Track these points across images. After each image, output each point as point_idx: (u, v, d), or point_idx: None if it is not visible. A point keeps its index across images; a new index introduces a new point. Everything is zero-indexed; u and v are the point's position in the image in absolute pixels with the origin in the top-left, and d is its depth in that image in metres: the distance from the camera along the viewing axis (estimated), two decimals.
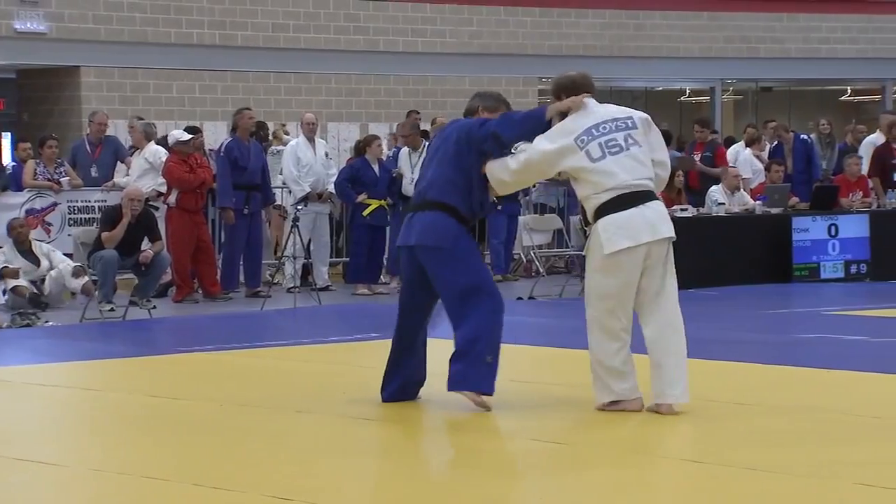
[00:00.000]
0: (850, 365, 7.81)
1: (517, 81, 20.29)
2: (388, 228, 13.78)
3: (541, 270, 13.65)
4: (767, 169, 15.19)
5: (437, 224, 6.53)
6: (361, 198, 13.32)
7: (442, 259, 6.50)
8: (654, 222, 6.38)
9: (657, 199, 6.51)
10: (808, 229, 13.60)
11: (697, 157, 15.58)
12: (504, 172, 6.55)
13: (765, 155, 16.68)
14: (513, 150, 6.51)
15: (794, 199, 14.37)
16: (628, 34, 20.77)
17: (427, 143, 13.71)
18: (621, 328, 6.40)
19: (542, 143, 6.45)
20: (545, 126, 6.45)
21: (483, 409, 6.53)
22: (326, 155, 13.81)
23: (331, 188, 13.56)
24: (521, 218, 13.98)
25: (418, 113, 15.86)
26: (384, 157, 13.92)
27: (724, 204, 14.07)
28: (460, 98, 20.10)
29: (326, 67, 18.98)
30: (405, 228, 6.65)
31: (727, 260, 13.35)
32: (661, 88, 23.37)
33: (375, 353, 9.09)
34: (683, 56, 21.13)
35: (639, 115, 6.59)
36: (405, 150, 13.66)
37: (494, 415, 6.64)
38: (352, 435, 6.15)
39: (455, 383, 6.51)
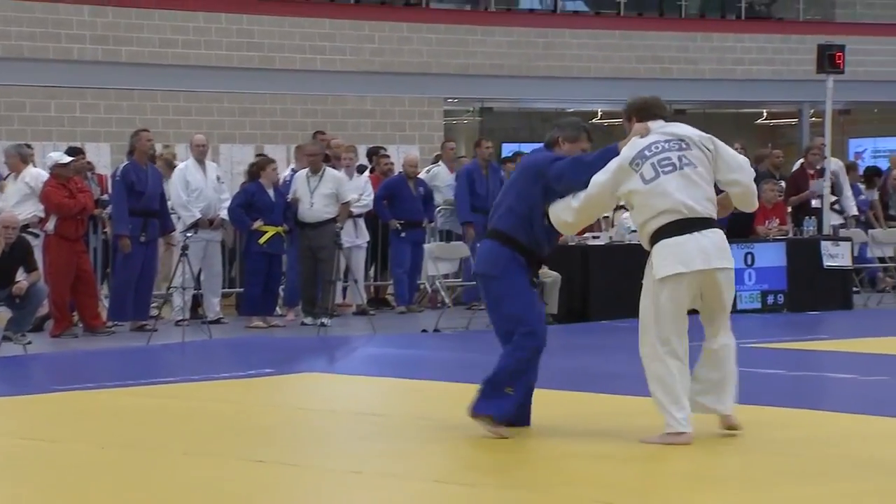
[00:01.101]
0: (765, 400, 7.95)
1: (422, 102, 20.35)
2: (284, 257, 13.70)
3: (447, 301, 13.68)
4: None
5: (491, 252, 6.91)
6: (257, 224, 13.24)
7: (489, 287, 6.88)
8: (710, 251, 6.54)
9: (715, 227, 6.65)
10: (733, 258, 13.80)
11: None
12: (566, 213, 6.76)
13: None
14: None
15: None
16: (537, 53, 20.97)
17: (327, 168, 13.69)
18: (680, 348, 6.55)
19: (599, 175, 6.67)
20: None
21: (497, 436, 6.76)
22: (218, 179, 13.70)
23: (223, 214, 13.46)
24: (425, 246, 14.00)
25: (324, 134, 15.84)
26: (280, 182, 13.87)
27: (635, 231, 14.23)
28: (361, 119, 20.22)
29: (218, 85, 18.85)
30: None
31: (641, 290, 13.49)
32: (572, 110, 23.61)
33: (270, 391, 9.03)
34: (595, 76, 21.39)
35: (697, 133, 6.73)
36: (303, 173, 13.62)
37: (394, 459, 6.62)
38: (243, 479, 6.09)
39: (475, 411, 6.85)
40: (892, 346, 10.72)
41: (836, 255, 14.34)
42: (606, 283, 13.45)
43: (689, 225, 6.49)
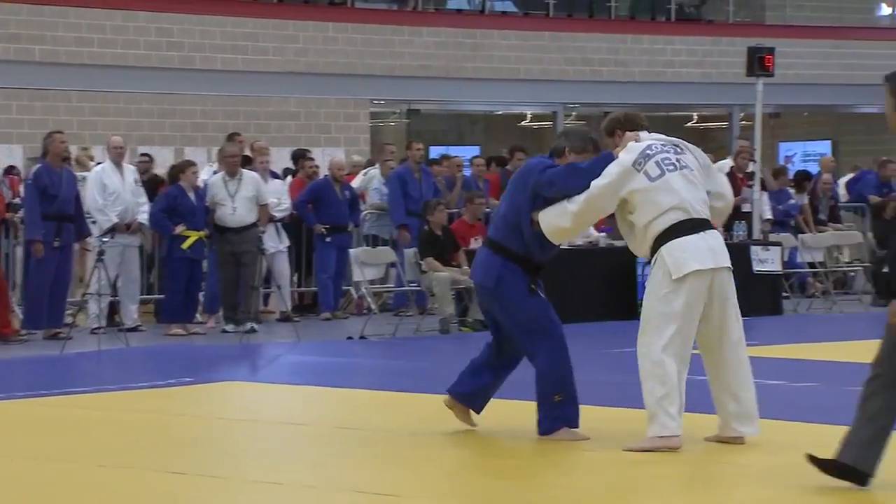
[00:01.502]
0: (695, 407, 8.01)
1: (348, 103, 20.31)
2: (205, 263, 13.59)
3: (373, 307, 13.65)
4: None
5: (484, 262, 7.02)
6: (179, 229, 13.13)
7: (490, 298, 6.99)
8: (717, 250, 6.63)
9: (714, 228, 6.75)
10: None
11: None
12: (563, 218, 6.78)
13: None
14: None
15: None
16: (465, 54, 21.02)
17: (244, 171, 13.59)
18: (685, 352, 6.54)
19: (599, 179, 6.70)
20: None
21: (582, 439, 6.83)
22: (136, 182, 13.56)
23: (141, 218, 13.33)
24: (351, 251, 13.97)
25: (240, 135, 15.74)
26: (200, 185, 13.76)
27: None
28: (285, 121, 20.14)
29: (136, 86, 18.67)
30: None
31: (569, 296, 13.55)
32: (500, 112, 23.71)
33: (190, 400, 8.94)
34: (524, 78, 21.48)
35: (686, 143, 6.87)
36: (218, 177, 13.52)
37: (317, 470, 6.58)
38: (161, 491, 6.02)
39: (540, 431, 6.91)
40: (821, 352, 10.86)
41: (766, 260, 14.51)
42: None
43: (696, 225, 6.59)
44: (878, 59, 23.55)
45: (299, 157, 15.74)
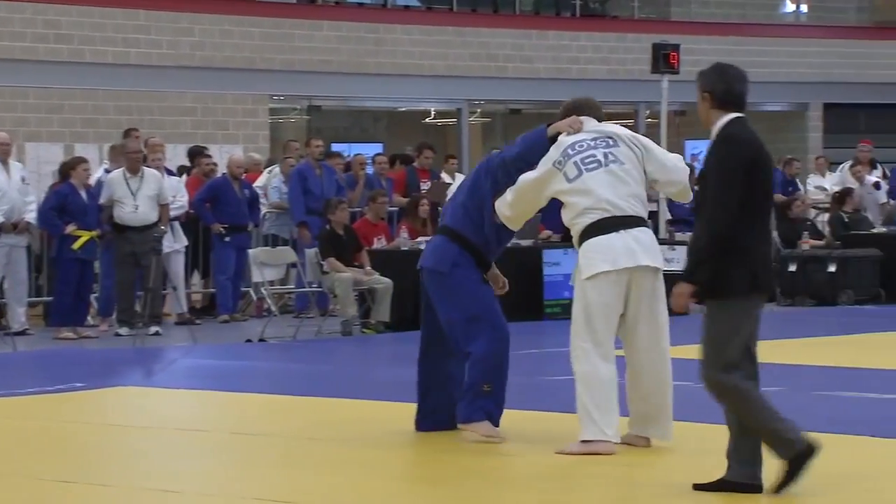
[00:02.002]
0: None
1: (246, 99, 20.15)
2: (97, 264, 13.40)
3: (273, 309, 13.57)
4: None
5: (439, 248, 6.99)
6: (70, 229, 12.93)
7: (438, 284, 6.92)
8: (636, 250, 6.62)
9: (646, 225, 6.75)
10: (560, 263, 14.02)
11: (425, 186, 15.84)
12: (504, 206, 6.90)
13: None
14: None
15: (546, 232, 14.79)
16: (367, 49, 20.98)
17: (145, 168, 13.43)
18: (607, 352, 6.56)
19: (527, 174, 6.83)
20: (546, 141, 6.83)
21: (498, 439, 6.81)
22: (23, 180, 13.33)
23: (29, 217, 13.10)
24: (250, 251, 13.87)
25: (137, 131, 15.55)
26: (92, 182, 13.57)
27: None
28: (180, 116, 19.91)
29: (22, 80, 18.33)
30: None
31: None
32: (404, 109, 23.70)
33: (81, 406, 8.81)
34: (427, 74, 21.49)
35: (628, 132, 6.87)
36: (118, 174, 13.33)
37: (214, 477, 6.52)
38: (49, 500, 5.92)
39: (464, 421, 6.93)
40: None
41: (672, 260, 14.68)
42: None
43: (615, 223, 6.60)
44: (783, 56, 23.99)
45: (196, 154, 15.60)
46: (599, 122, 6.95)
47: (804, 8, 25.97)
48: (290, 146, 16.42)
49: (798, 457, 5.51)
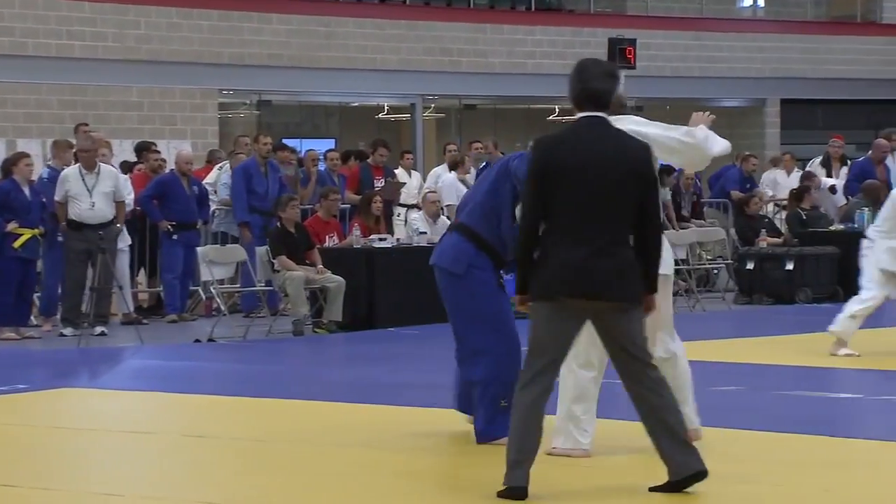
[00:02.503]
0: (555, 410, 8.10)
1: (194, 93, 20.05)
2: (40, 262, 13.29)
3: (222, 309, 13.50)
4: None
5: (454, 247, 6.88)
6: (11, 226, 12.81)
7: (452, 286, 6.81)
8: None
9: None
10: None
11: (380, 183, 15.83)
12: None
13: (470, 178, 17.14)
14: None
15: None
16: (319, 43, 20.92)
17: (101, 164, 13.32)
18: (593, 359, 6.52)
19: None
20: None
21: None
22: None
23: None
24: (199, 249, 13.79)
25: (87, 126, 15.43)
26: (35, 179, 13.44)
27: (425, 233, 14.34)
28: (126, 111, 19.76)
29: None
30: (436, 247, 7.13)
31: (429, 295, 13.53)
32: (356, 104, 23.66)
33: (23, 409, 8.73)
34: (380, 68, 21.47)
35: (630, 126, 6.60)
36: (74, 170, 13.20)
37: (160, 481, 6.48)
38: None
39: (481, 438, 6.89)
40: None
41: None
42: (393, 288, 13.49)
43: None
44: (740, 51, 24.15)
45: (143, 149, 15.50)
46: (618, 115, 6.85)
47: (761, 3, 26.15)
48: (240, 141, 16.35)
49: (506, 491, 5.50)
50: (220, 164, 16.03)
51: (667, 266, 6.47)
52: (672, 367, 6.55)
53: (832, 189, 17.82)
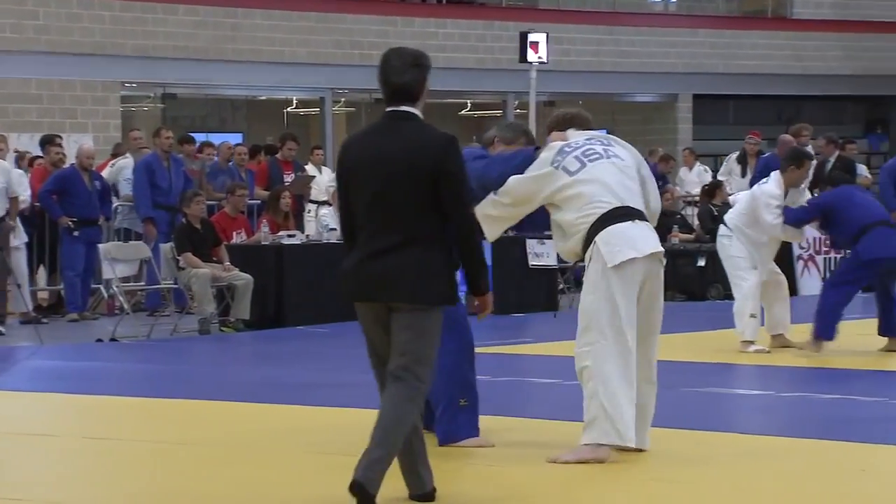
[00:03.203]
0: None
1: (95, 86, 19.81)
2: None
3: (125, 307, 13.37)
4: None
5: None
6: None
7: None
8: (650, 238, 6.54)
9: (647, 220, 6.64)
10: None
11: (289, 178, 15.77)
12: (488, 206, 6.68)
13: None
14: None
15: None
16: (225, 35, 20.78)
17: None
18: (632, 353, 6.36)
19: (519, 176, 6.65)
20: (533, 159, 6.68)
21: (488, 446, 6.72)
22: None
23: None
24: (101, 246, 13.64)
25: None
26: None
27: (335, 229, 14.32)
28: (25, 104, 19.48)
29: None
30: None
31: (328, 292, 13.55)
32: (264, 98, 23.53)
33: None
34: (289, 61, 21.37)
35: (618, 140, 6.78)
36: None
37: (60, 485, 6.40)
38: None
39: (444, 440, 6.81)
40: None
41: (542, 254, 14.83)
42: (302, 285, 13.45)
43: (627, 213, 6.50)
44: (653, 45, 24.38)
45: (47, 142, 15.31)
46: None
47: None
48: (131, 136, 16.24)
49: (352, 486, 5.32)
50: (113, 162, 15.84)
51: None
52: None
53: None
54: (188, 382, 9.87)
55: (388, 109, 5.52)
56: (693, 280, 15.99)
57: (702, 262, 16.01)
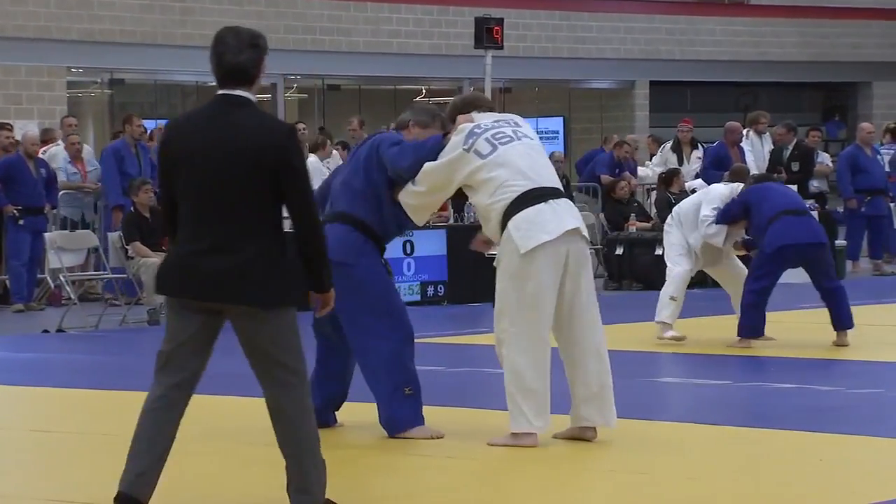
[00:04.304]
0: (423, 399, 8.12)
1: (41, 71, 19.65)
2: None
3: (72, 297, 13.28)
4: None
5: (341, 237, 6.70)
6: None
7: (342, 276, 6.39)
8: (565, 216, 6.51)
9: (564, 197, 6.63)
10: None
11: None
12: (407, 195, 6.73)
13: (333, 162, 17.10)
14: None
15: None
16: (174, 20, 20.65)
17: None
18: (544, 341, 6.41)
19: (432, 163, 6.68)
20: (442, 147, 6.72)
21: (438, 437, 6.72)
22: None
23: None
24: (47, 235, 13.54)
25: None
26: None
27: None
28: None
29: None
30: None
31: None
32: (213, 84, 23.40)
33: None
34: None
35: (522, 120, 6.83)
36: None
37: (7, 473, 6.35)
38: None
39: (392, 429, 6.80)
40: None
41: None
42: None
43: (540, 194, 6.50)
44: (609, 31, 24.44)
45: (1, 127, 15.18)
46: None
47: None
48: (66, 123, 16.15)
49: (118, 498, 5.24)
50: (44, 149, 15.67)
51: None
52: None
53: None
54: (137, 374, 9.77)
55: (221, 93, 5.22)
56: (650, 269, 16.04)
57: (659, 251, 16.06)
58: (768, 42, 25.66)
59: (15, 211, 14.03)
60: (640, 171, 18.49)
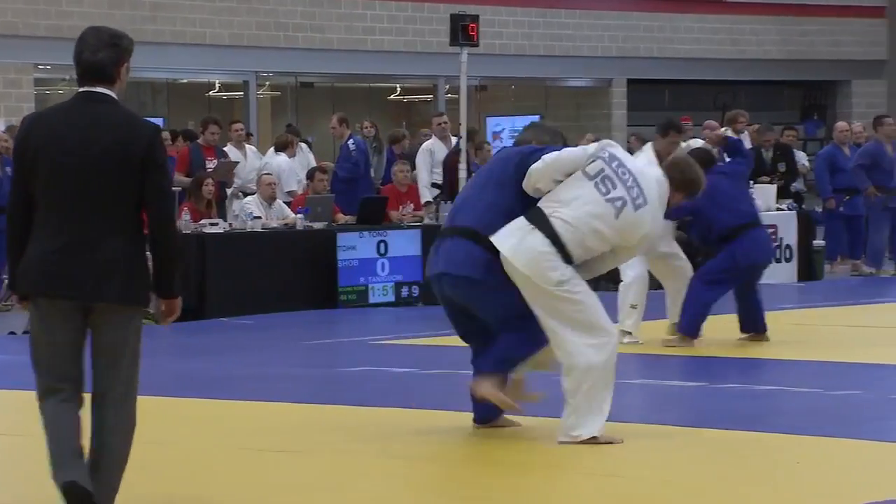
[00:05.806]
0: (393, 401, 8.13)
1: (7, 68, 19.56)
2: None
3: None
4: (310, 177, 15.55)
5: (470, 255, 6.87)
6: None
7: (478, 288, 6.84)
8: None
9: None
10: (356, 247, 14.02)
11: (211, 164, 15.65)
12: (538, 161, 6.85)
13: (302, 160, 17.07)
14: None
15: (341, 215, 14.72)
16: (144, 15, 20.57)
17: None
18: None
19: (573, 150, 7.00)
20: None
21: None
22: None
23: None
24: None
25: None
26: None
27: (259, 217, 14.23)
28: None
29: None
30: (438, 254, 7.05)
31: (264, 283, 13.50)
32: (185, 81, 23.34)
33: None
34: (211, 43, 21.19)
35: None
36: None
37: None
38: None
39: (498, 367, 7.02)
40: None
41: None
42: (226, 276, 13.36)
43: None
44: (586, 29, 24.45)
45: None
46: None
47: None
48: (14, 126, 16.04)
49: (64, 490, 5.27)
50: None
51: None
52: None
53: None
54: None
55: (81, 90, 5.27)
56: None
57: None
58: (747, 40, 25.73)
59: None
60: None
